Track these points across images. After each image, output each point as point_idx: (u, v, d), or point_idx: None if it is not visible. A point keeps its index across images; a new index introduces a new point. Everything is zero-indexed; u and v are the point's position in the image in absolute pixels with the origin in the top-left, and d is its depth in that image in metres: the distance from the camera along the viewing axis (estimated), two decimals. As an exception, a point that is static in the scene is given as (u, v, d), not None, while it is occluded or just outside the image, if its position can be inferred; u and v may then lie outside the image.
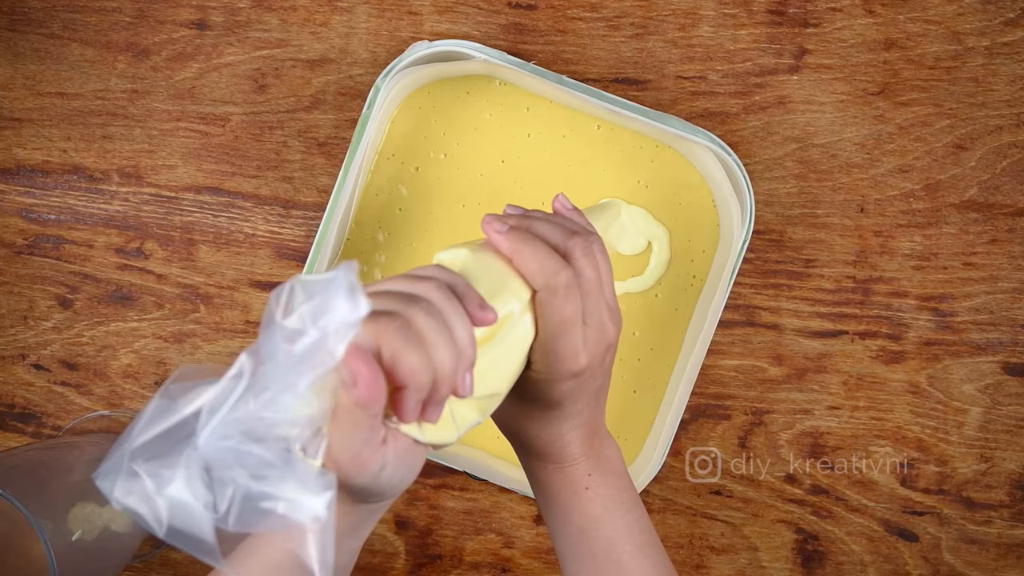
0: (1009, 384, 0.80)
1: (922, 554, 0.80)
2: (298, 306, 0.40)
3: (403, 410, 0.44)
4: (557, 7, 0.79)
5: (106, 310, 0.80)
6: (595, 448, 0.58)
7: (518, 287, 0.51)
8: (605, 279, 0.55)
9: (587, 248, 0.54)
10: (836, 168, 0.80)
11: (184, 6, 0.79)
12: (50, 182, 0.80)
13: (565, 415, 0.56)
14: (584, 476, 0.58)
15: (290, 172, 0.79)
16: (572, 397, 0.55)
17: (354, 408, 0.42)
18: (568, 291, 0.52)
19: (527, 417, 0.57)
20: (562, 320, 0.52)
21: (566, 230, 0.54)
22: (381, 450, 0.44)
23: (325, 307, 0.39)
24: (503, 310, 0.49)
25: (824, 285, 0.80)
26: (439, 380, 0.44)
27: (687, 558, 0.80)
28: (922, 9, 0.79)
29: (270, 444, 0.40)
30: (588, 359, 0.53)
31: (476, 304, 0.47)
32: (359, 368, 0.41)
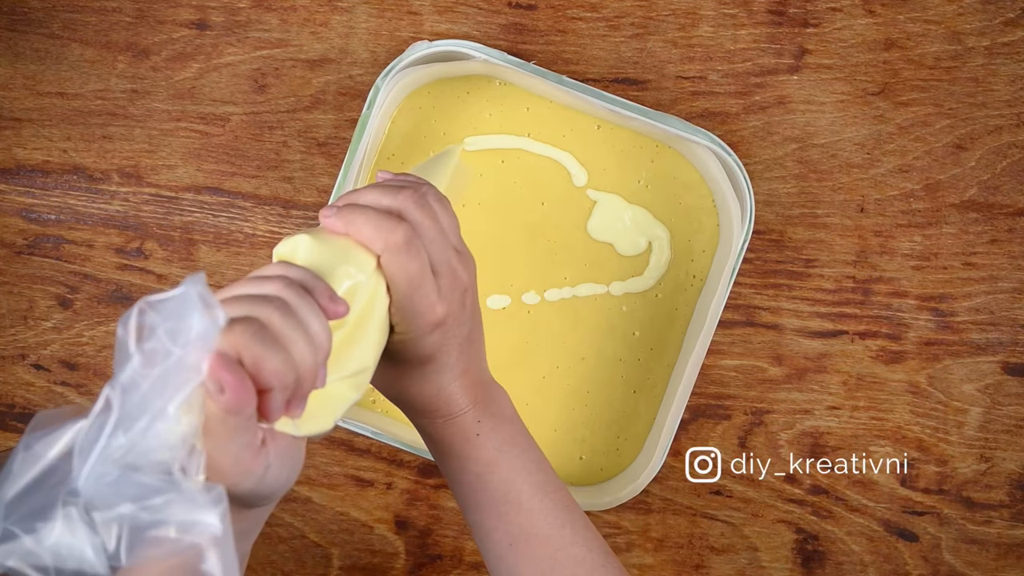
0: (1009, 384, 0.80)
1: (922, 554, 0.80)
2: (152, 328, 0.39)
3: (269, 410, 0.43)
4: (557, 7, 0.79)
5: (106, 310, 0.80)
6: (480, 395, 0.58)
7: (362, 258, 0.51)
8: (447, 225, 0.55)
9: (419, 200, 0.54)
10: (836, 168, 0.80)
11: (184, 6, 0.79)
12: (50, 182, 0.80)
13: (441, 367, 0.56)
14: (474, 424, 0.58)
15: (290, 172, 0.79)
16: (443, 348, 0.55)
17: (226, 416, 0.42)
18: (409, 246, 0.52)
19: (405, 378, 0.57)
20: (409, 276, 0.52)
21: (393, 189, 0.54)
22: (262, 452, 0.45)
23: (181, 324, 0.39)
24: (349, 283, 0.49)
25: (824, 285, 0.80)
26: (301, 377, 0.44)
27: (687, 558, 0.80)
28: (922, 9, 0.79)
29: (149, 472, 0.40)
30: (446, 307, 0.54)
31: (327, 297, 0.47)
32: (224, 376, 0.41)
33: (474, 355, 0.58)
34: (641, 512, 0.80)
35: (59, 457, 0.40)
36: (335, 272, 0.49)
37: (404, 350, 0.55)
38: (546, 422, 0.78)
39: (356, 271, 0.50)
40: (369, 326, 0.51)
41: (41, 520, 0.39)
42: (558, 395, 0.78)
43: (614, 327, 0.78)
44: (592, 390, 0.78)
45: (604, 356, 0.78)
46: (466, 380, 0.57)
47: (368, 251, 0.52)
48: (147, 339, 0.39)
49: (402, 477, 0.80)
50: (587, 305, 0.78)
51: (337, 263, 0.50)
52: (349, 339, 0.50)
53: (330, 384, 0.49)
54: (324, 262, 0.50)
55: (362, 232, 0.52)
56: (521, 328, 0.77)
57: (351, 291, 0.50)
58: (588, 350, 0.78)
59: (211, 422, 0.42)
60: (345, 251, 0.51)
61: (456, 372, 0.57)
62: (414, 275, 0.52)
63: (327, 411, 0.49)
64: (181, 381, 0.40)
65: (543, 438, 0.78)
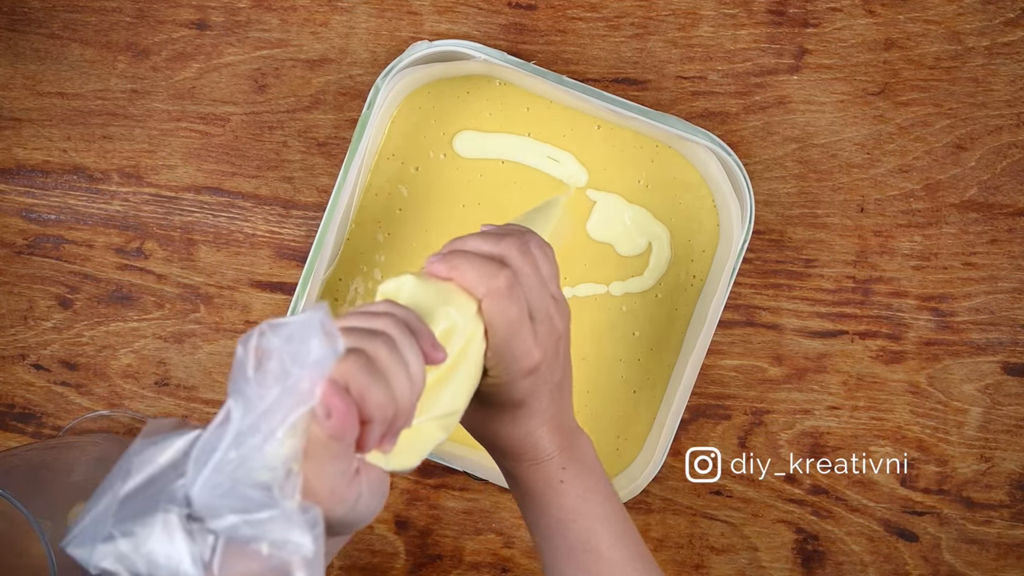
0: (1009, 384, 0.80)
1: (922, 554, 0.80)
2: (272, 350, 0.41)
3: (365, 441, 0.45)
4: (557, 7, 0.79)
5: (106, 310, 0.80)
6: (566, 441, 0.59)
7: (463, 302, 0.53)
8: (547, 273, 0.56)
9: (521, 247, 0.55)
10: (836, 168, 0.80)
11: (184, 6, 0.79)
12: (50, 182, 0.80)
13: (531, 412, 0.57)
14: (558, 470, 0.59)
15: (290, 172, 0.79)
16: (534, 394, 0.56)
17: (329, 442, 0.43)
18: (510, 291, 0.53)
19: (495, 420, 0.58)
20: (509, 321, 0.53)
21: (496, 236, 0.56)
22: (356, 480, 0.46)
23: (302, 349, 0.41)
24: (447, 324, 0.51)
25: (824, 285, 0.80)
26: (399, 412, 0.46)
27: (687, 558, 0.80)
28: (922, 9, 0.79)
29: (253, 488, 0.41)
30: (541, 354, 0.55)
31: (429, 342, 0.48)
32: (333, 401, 0.42)
33: (563, 402, 0.59)
34: (641, 512, 0.80)
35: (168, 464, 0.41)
36: (435, 313, 0.51)
37: (497, 393, 0.56)
38: (546, 422, 0.78)
39: (456, 313, 0.51)
40: (463, 369, 0.52)
41: (140, 525, 0.40)
42: (558, 395, 0.78)
43: (614, 327, 0.78)
44: (592, 390, 0.78)
45: (604, 356, 0.78)
46: (553, 426, 0.58)
47: (469, 296, 0.53)
48: (266, 360, 0.41)
49: (402, 477, 0.80)
50: (587, 305, 0.78)
51: (438, 304, 0.51)
52: (442, 380, 0.51)
53: (420, 423, 0.50)
54: (426, 303, 0.51)
55: (465, 276, 0.53)
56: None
57: (448, 332, 0.51)
58: (588, 350, 0.78)
59: (313, 446, 0.43)
60: (447, 294, 0.52)
61: (545, 418, 0.58)
62: (513, 320, 0.53)
63: (414, 449, 0.50)
64: (294, 403, 0.41)
65: (543, 438, 0.78)
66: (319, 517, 0.41)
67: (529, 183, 0.77)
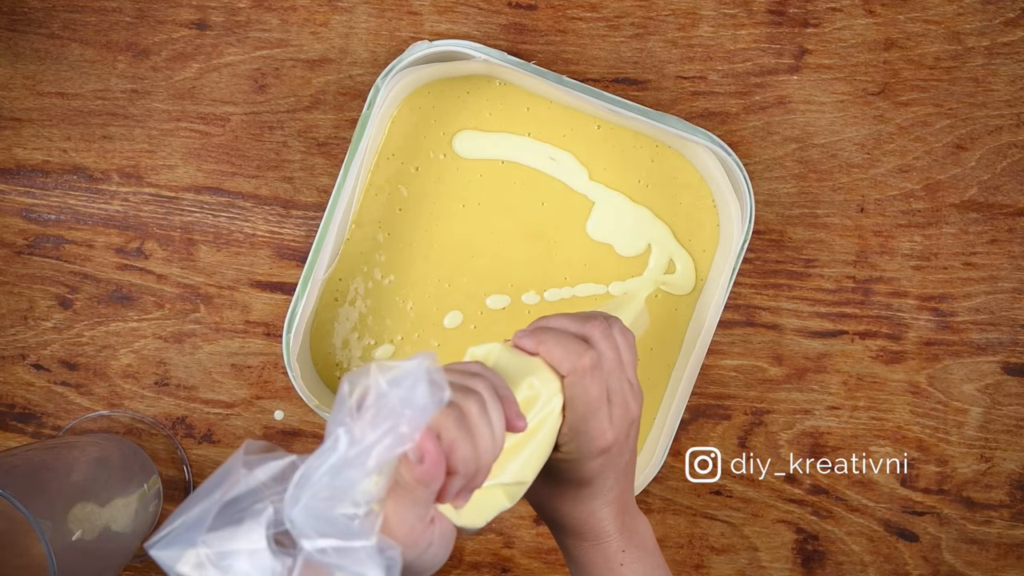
0: (1009, 384, 0.80)
1: (922, 554, 0.80)
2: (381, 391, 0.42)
3: (446, 492, 0.46)
4: (557, 7, 0.79)
5: (106, 310, 0.80)
6: (627, 524, 0.60)
7: (546, 376, 0.55)
8: (626, 359, 0.58)
9: (606, 330, 0.57)
10: (836, 168, 0.80)
11: (184, 6, 0.79)
12: (50, 182, 0.80)
13: (596, 492, 0.58)
14: (618, 552, 0.60)
15: (290, 172, 0.79)
16: (602, 474, 0.58)
17: (416, 486, 0.44)
18: (593, 371, 0.55)
19: (560, 497, 0.59)
20: (589, 400, 0.55)
21: (583, 317, 0.58)
22: (430, 528, 0.47)
23: (409, 394, 0.42)
24: (529, 394, 0.53)
25: (824, 285, 0.80)
26: (479, 469, 0.47)
27: (687, 558, 0.80)
28: (922, 9, 0.79)
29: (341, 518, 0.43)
30: (615, 435, 0.57)
31: (514, 410, 0.50)
32: (428, 447, 0.44)
33: (627, 484, 0.60)
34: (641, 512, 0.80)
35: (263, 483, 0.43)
36: (519, 382, 0.53)
37: (566, 469, 0.57)
38: (546, 422, 0.78)
39: (539, 384, 0.53)
40: (537, 441, 0.54)
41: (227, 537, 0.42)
42: (558, 395, 0.78)
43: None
44: (592, 390, 0.78)
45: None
46: (616, 507, 0.60)
47: (552, 372, 0.55)
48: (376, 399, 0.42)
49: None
50: (587, 305, 0.78)
51: (523, 374, 0.53)
52: (516, 448, 0.53)
53: (489, 486, 0.52)
54: (512, 371, 0.54)
55: (552, 353, 0.55)
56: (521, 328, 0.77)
57: (529, 401, 0.53)
58: (588, 350, 0.78)
59: (398, 488, 0.45)
60: (532, 367, 0.54)
61: (609, 498, 0.59)
62: (593, 400, 0.55)
63: (481, 511, 0.52)
64: (393, 444, 0.42)
65: (543, 438, 0.78)
66: (398, 559, 0.43)
67: (529, 183, 0.77)
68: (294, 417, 0.80)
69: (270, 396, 0.79)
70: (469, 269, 0.77)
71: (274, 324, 0.79)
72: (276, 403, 0.80)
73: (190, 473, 0.80)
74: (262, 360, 0.80)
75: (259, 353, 0.79)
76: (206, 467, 0.80)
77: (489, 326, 0.77)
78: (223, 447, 0.80)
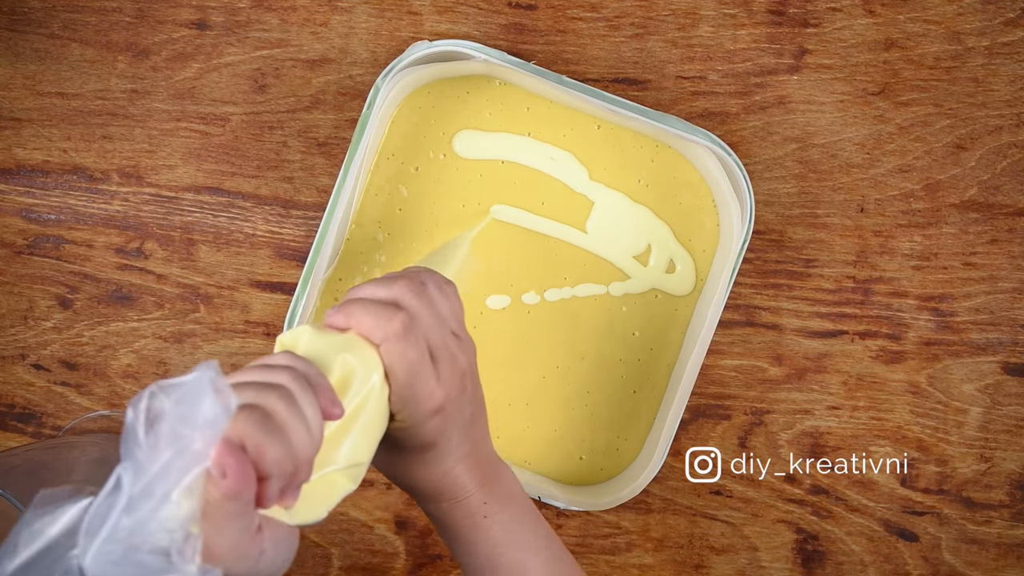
0: (1009, 384, 0.80)
1: (922, 554, 0.80)
2: (161, 411, 0.40)
3: (265, 497, 0.44)
4: (557, 7, 0.79)
5: (106, 310, 0.80)
6: (486, 476, 0.59)
7: (363, 350, 0.52)
8: (446, 311, 0.56)
9: (416, 288, 0.55)
10: (836, 168, 0.80)
11: (184, 6, 0.79)
12: (50, 182, 0.80)
13: (444, 452, 0.57)
14: (480, 505, 0.58)
15: (290, 172, 0.79)
16: (444, 434, 0.56)
17: (225, 501, 0.42)
18: (407, 333, 0.53)
19: (409, 464, 0.57)
20: (409, 363, 0.53)
21: (389, 280, 0.56)
22: (258, 537, 0.45)
23: (192, 410, 0.40)
24: (344, 370, 0.51)
25: (824, 285, 0.80)
26: (298, 466, 0.45)
27: (687, 558, 0.80)
28: (922, 9, 0.79)
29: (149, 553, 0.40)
30: (445, 393, 0.54)
31: (328, 398, 0.48)
32: (226, 460, 0.42)
33: (477, 437, 0.59)
34: (641, 512, 0.80)
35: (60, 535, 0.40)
36: (332, 360, 0.50)
37: (406, 437, 0.55)
38: (546, 422, 0.78)
39: (353, 359, 0.51)
40: (365, 417, 0.52)
41: None
42: (558, 395, 0.78)
43: (614, 327, 0.78)
44: (592, 390, 0.78)
45: (604, 356, 0.78)
46: (470, 462, 0.58)
47: (369, 344, 0.53)
48: (157, 422, 0.40)
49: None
50: (587, 305, 0.78)
51: (336, 352, 0.51)
52: (344, 429, 0.51)
53: (326, 473, 0.50)
54: (324, 353, 0.51)
55: (362, 323, 0.53)
56: (521, 328, 0.78)
57: (346, 379, 0.51)
58: (588, 350, 0.78)
59: (210, 507, 0.42)
60: (347, 344, 0.52)
61: (460, 455, 0.57)
62: (413, 362, 0.53)
63: (321, 501, 0.50)
64: (188, 465, 0.40)
65: (543, 438, 0.78)
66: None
67: (529, 183, 0.77)
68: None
69: (270, 396, 0.79)
70: (469, 269, 0.77)
71: (274, 324, 0.79)
72: (276, 403, 0.79)
73: (190, 473, 0.79)
74: (262, 360, 0.79)
75: (259, 353, 0.79)
76: (206, 467, 0.80)
77: (489, 326, 0.77)
78: (223, 447, 0.80)
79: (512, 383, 0.78)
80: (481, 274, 0.77)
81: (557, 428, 0.78)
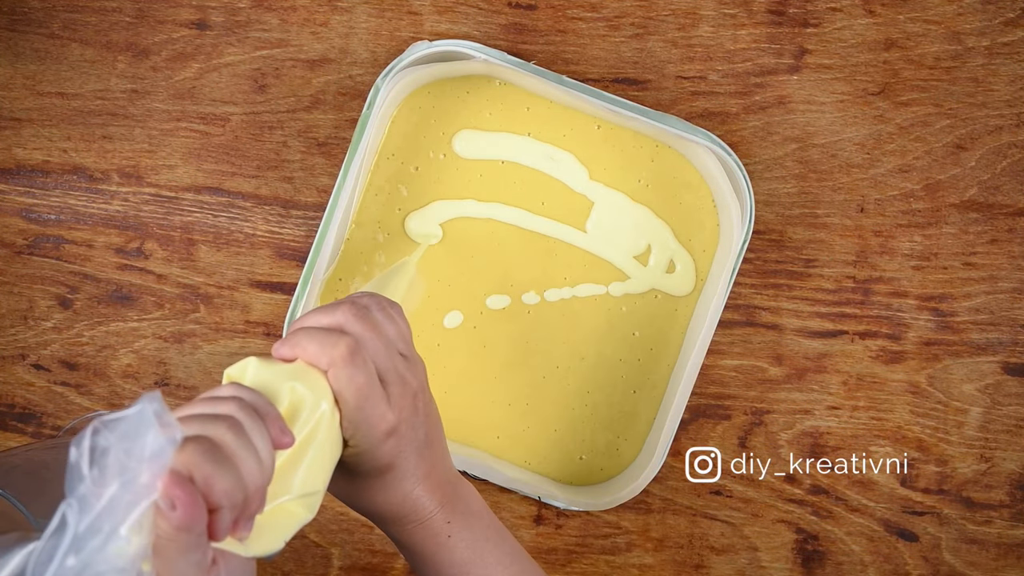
0: (1009, 384, 0.80)
1: (922, 554, 0.80)
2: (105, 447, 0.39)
3: (216, 529, 0.43)
4: (557, 7, 0.79)
5: (106, 310, 0.80)
6: (447, 495, 0.58)
7: (311, 378, 0.52)
8: (392, 334, 0.56)
9: (358, 312, 0.55)
10: (836, 168, 0.80)
11: (184, 6, 0.79)
12: (50, 182, 0.80)
13: (401, 474, 0.56)
14: (444, 525, 0.58)
15: (290, 172, 0.79)
16: (400, 455, 0.55)
17: (177, 534, 0.41)
18: (353, 357, 0.52)
19: (367, 489, 0.57)
20: (357, 388, 0.52)
21: (332, 306, 0.55)
22: (213, 570, 0.45)
23: (136, 443, 0.39)
24: (292, 398, 0.50)
25: (824, 285, 0.80)
26: (249, 497, 0.45)
27: (687, 558, 0.80)
28: (922, 9, 0.79)
29: None
30: (396, 415, 0.54)
31: (277, 426, 0.47)
32: (175, 492, 0.41)
33: (435, 456, 0.58)
34: (641, 512, 0.80)
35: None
36: (280, 389, 0.50)
37: (361, 462, 0.55)
38: (546, 422, 0.78)
39: (301, 387, 0.51)
40: (317, 445, 0.51)
41: None
42: (558, 395, 0.78)
43: (614, 327, 0.78)
44: (592, 390, 0.78)
45: (604, 356, 0.78)
46: (430, 483, 0.57)
47: (317, 370, 0.52)
48: (101, 458, 0.39)
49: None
50: (587, 305, 0.78)
51: (284, 381, 0.51)
52: (295, 458, 0.50)
53: (281, 503, 0.49)
54: (272, 382, 0.50)
55: (307, 351, 0.52)
56: (521, 328, 0.78)
57: (295, 407, 0.50)
58: (588, 350, 0.78)
59: (161, 541, 0.41)
60: (295, 373, 0.51)
61: (418, 476, 0.57)
62: (361, 386, 0.52)
63: (277, 531, 0.49)
64: (134, 500, 0.40)
65: (543, 438, 0.78)
66: None
67: (529, 183, 0.77)
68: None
69: (270, 396, 0.79)
70: (469, 269, 0.77)
71: (274, 324, 0.79)
72: (276, 403, 0.80)
73: (190, 473, 0.80)
74: (262, 360, 0.79)
75: (259, 353, 0.79)
76: (206, 467, 0.80)
77: (489, 326, 0.77)
78: (223, 447, 0.80)
79: (512, 383, 0.78)
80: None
81: (557, 428, 0.78)
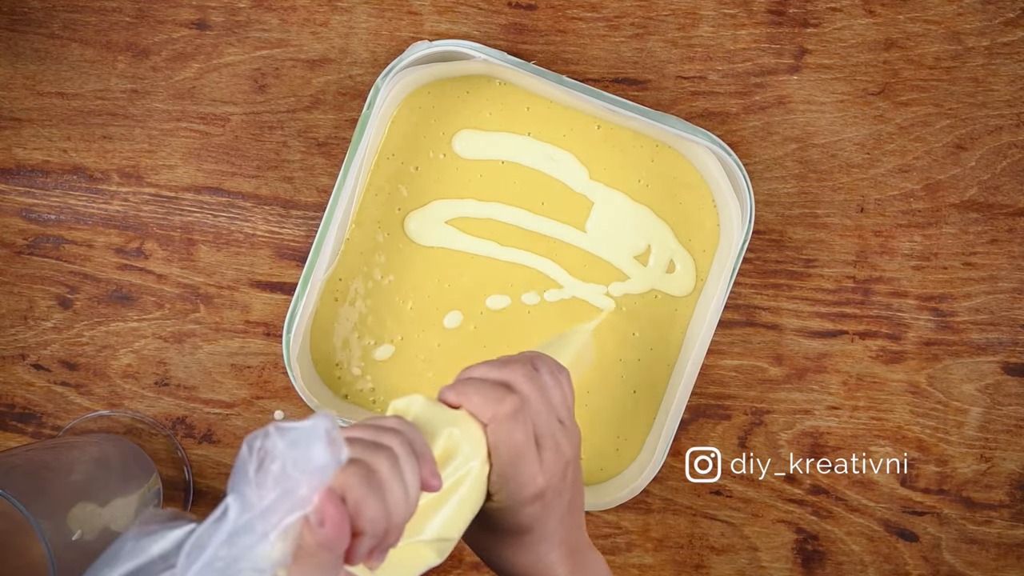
0: (1009, 384, 0.80)
1: (922, 554, 0.80)
2: (274, 452, 0.41)
3: (354, 554, 0.44)
4: (557, 7, 0.79)
5: (106, 310, 0.80)
6: (578, 564, 0.58)
7: (470, 427, 0.53)
8: (556, 399, 0.56)
9: (528, 373, 0.55)
10: (836, 168, 0.80)
11: (184, 6, 0.79)
12: (50, 182, 0.80)
13: (539, 537, 0.56)
14: None
15: (290, 172, 0.79)
16: (541, 519, 0.56)
17: (318, 550, 0.43)
18: (515, 416, 0.53)
19: (503, 546, 0.57)
20: (514, 446, 0.53)
21: (503, 362, 0.56)
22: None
23: (303, 455, 0.41)
24: (448, 442, 0.51)
25: (824, 285, 0.80)
26: (391, 529, 0.45)
27: (687, 558, 0.80)
28: (922, 9, 0.79)
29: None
30: (546, 480, 0.54)
31: (429, 469, 0.48)
32: (328, 510, 0.42)
33: (573, 525, 0.58)
34: (641, 512, 0.80)
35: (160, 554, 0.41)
36: (439, 432, 0.51)
37: (502, 518, 0.55)
38: (546, 422, 0.78)
39: (458, 433, 0.52)
40: (460, 494, 0.52)
41: None
42: (558, 395, 0.78)
43: (614, 327, 0.78)
44: (592, 390, 0.78)
45: (604, 356, 0.78)
46: (564, 550, 0.58)
47: (476, 422, 0.53)
48: (268, 462, 0.41)
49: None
50: (587, 305, 0.78)
51: (443, 425, 0.52)
52: (438, 503, 0.51)
53: (412, 543, 0.50)
54: (432, 423, 0.52)
55: (472, 401, 0.53)
56: (521, 328, 0.78)
57: (448, 452, 0.51)
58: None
59: (302, 553, 0.43)
60: (454, 418, 0.53)
61: (555, 542, 0.57)
62: (518, 445, 0.53)
63: (404, 569, 0.50)
64: (290, 508, 0.41)
65: (543, 438, 0.78)
66: None
67: (529, 183, 0.77)
68: (294, 417, 0.80)
69: (270, 396, 0.79)
70: (469, 269, 0.77)
71: (274, 324, 0.79)
72: (276, 403, 0.80)
73: (190, 473, 0.80)
74: (262, 360, 0.80)
75: (259, 353, 0.79)
76: (206, 467, 0.80)
77: (489, 326, 0.77)
78: (223, 447, 0.80)
79: (512, 383, 0.78)
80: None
81: (557, 428, 0.78)
